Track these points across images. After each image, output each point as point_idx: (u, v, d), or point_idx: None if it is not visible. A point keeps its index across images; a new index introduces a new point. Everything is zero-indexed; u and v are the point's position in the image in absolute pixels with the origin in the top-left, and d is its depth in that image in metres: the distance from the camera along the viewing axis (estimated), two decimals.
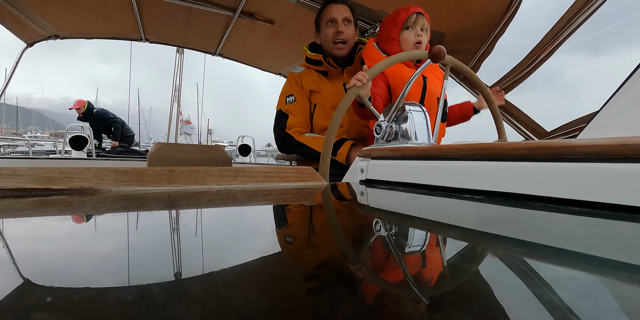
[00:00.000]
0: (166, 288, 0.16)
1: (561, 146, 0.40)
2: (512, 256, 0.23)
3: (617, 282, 0.19)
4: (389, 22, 1.35)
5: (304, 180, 0.62)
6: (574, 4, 1.35)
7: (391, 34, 1.33)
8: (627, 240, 0.27)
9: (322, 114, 1.59)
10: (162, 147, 1.91)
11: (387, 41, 1.35)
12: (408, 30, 1.31)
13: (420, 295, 0.16)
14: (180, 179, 0.51)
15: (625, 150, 0.35)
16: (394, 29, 1.32)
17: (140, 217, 0.35)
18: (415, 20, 1.29)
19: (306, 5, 1.99)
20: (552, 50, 1.49)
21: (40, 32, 2.39)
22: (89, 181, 0.45)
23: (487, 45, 1.71)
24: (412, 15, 1.29)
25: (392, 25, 1.33)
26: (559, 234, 0.29)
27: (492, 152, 0.48)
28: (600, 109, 0.72)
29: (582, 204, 0.37)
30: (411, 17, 1.29)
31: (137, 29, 2.55)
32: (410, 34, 1.30)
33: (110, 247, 0.23)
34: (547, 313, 0.14)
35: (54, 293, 0.15)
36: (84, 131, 4.21)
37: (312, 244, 0.27)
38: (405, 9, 1.32)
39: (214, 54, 2.99)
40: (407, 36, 1.31)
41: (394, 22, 1.32)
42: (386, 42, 1.36)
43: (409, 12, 1.30)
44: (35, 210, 0.35)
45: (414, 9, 1.31)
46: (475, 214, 0.39)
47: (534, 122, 1.64)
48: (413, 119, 0.86)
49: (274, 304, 0.15)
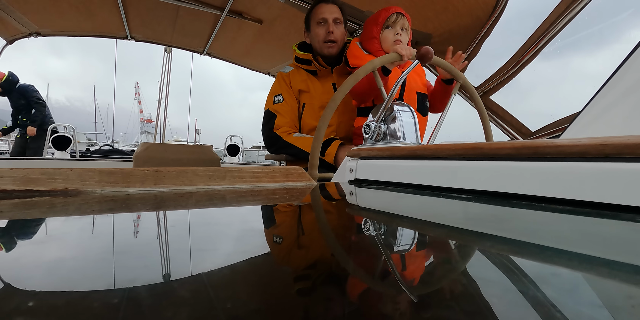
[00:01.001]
0: (153, 290, 0.16)
1: (545, 146, 0.41)
2: (499, 254, 0.24)
3: (599, 277, 0.19)
4: (371, 21, 1.39)
5: (293, 180, 0.62)
6: (557, 6, 1.38)
7: (372, 33, 1.37)
8: (607, 237, 0.28)
9: (311, 113, 1.59)
10: (149, 147, 1.88)
11: (369, 40, 1.39)
12: (388, 29, 1.35)
13: (408, 294, 0.16)
14: (168, 179, 0.50)
15: (606, 149, 0.36)
16: (375, 28, 1.36)
17: (126, 219, 0.34)
18: (395, 20, 1.34)
19: (295, 4, 1.98)
20: (536, 52, 1.52)
21: (21, 29, 2.32)
22: (72, 182, 0.44)
23: (474, 47, 1.74)
24: (393, 14, 1.34)
25: (373, 24, 1.37)
26: (544, 231, 0.30)
27: (479, 152, 0.49)
28: (582, 110, 0.74)
29: (566, 202, 0.38)
30: (391, 17, 1.34)
31: (123, 27, 2.50)
32: (389, 33, 1.35)
33: (95, 250, 0.22)
34: (532, 309, 0.15)
35: (36, 297, 0.15)
36: (68, 131, 4.11)
37: (301, 244, 0.27)
38: (387, 9, 1.36)
39: (201, 53, 2.95)
40: (386, 35, 1.35)
41: (375, 22, 1.37)
42: (368, 41, 1.40)
43: (390, 11, 1.35)
44: (16, 212, 0.34)
45: (394, 9, 1.36)
46: (462, 213, 0.40)
47: (519, 122, 1.67)
48: (401, 119, 0.86)
49: (263, 305, 0.15)
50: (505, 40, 4.32)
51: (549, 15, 1.42)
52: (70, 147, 3.70)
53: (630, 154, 0.34)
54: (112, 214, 0.35)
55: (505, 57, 1.66)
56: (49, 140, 3.73)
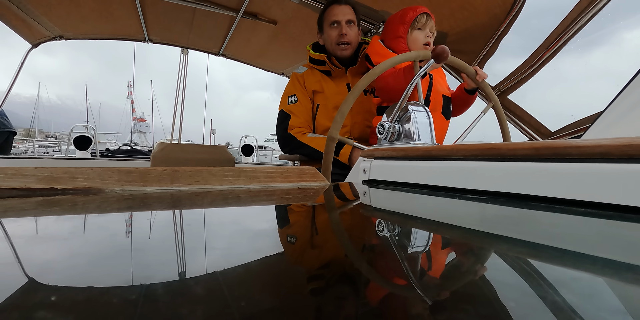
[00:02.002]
0: (169, 288, 0.16)
1: (565, 146, 0.40)
2: (516, 257, 0.23)
3: (622, 283, 0.18)
4: (396, 20, 1.36)
5: (306, 180, 0.62)
6: (579, 3, 1.34)
7: (398, 32, 1.34)
8: (631, 241, 0.27)
9: (325, 114, 1.59)
10: (166, 147, 1.92)
11: (395, 39, 1.35)
12: (419, 30, 1.32)
13: (423, 296, 0.16)
14: (184, 179, 0.51)
15: (630, 150, 0.34)
16: (402, 27, 1.33)
17: (143, 217, 0.35)
18: (425, 22, 1.32)
19: (309, 5, 1.99)
20: (557, 50, 1.48)
21: (45, 33, 2.41)
22: (92, 181, 0.45)
23: (491, 45, 1.71)
24: (423, 16, 1.31)
25: (399, 23, 1.34)
26: (563, 234, 0.29)
27: (496, 152, 0.48)
28: (605, 109, 0.71)
29: (587, 204, 0.37)
30: (421, 18, 1.31)
31: (141, 30, 2.56)
32: (420, 34, 1.32)
33: (114, 247, 0.23)
34: (551, 314, 0.14)
35: (57, 292, 0.15)
36: (88, 131, 4.24)
37: (315, 244, 0.27)
38: (413, 8, 1.33)
39: (217, 55, 2.99)
40: (417, 36, 1.32)
41: (402, 21, 1.33)
42: (393, 40, 1.36)
43: (417, 11, 1.32)
44: (40, 210, 0.35)
45: (422, 9, 1.32)
46: (478, 215, 0.39)
47: (537, 122, 1.63)
48: (416, 119, 0.85)
49: (277, 304, 0.15)
50: (524, 38, 4.21)
51: (570, 11, 1.38)
52: (91, 147, 3.81)
53: None
54: (131, 213, 0.36)
55: (523, 56, 1.62)
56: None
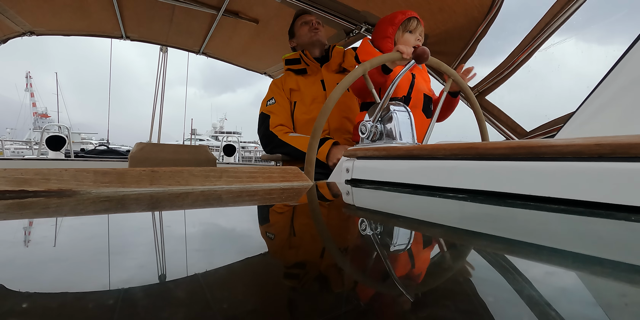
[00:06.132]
0: (149, 291, 0.16)
1: (540, 146, 0.41)
2: (494, 253, 0.24)
3: (593, 276, 0.19)
4: (386, 21, 1.41)
5: (289, 180, 0.62)
6: (552, 7, 1.39)
7: (387, 32, 1.39)
8: (601, 236, 0.28)
9: (302, 109, 1.67)
10: (144, 147, 1.87)
11: (383, 39, 1.40)
12: (410, 33, 1.38)
13: (405, 293, 0.17)
14: (163, 179, 0.50)
15: (600, 149, 0.36)
16: (390, 28, 1.38)
17: (121, 219, 0.34)
18: (416, 26, 1.38)
19: (291, 4, 1.98)
20: (532, 52, 1.53)
21: (14, 28, 2.30)
22: (67, 182, 0.44)
23: (470, 47, 1.75)
24: (414, 20, 1.37)
25: (389, 24, 1.39)
26: (539, 230, 0.30)
27: (474, 152, 0.49)
28: (576, 110, 0.74)
29: (560, 201, 0.38)
30: (412, 22, 1.37)
31: (118, 27, 2.48)
32: (411, 37, 1.38)
33: (90, 250, 0.22)
34: (527, 308, 0.15)
35: (29, 299, 0.15)
36: (62, 131, 4.08)
37: (297, 244, 0.27)
38: (403, 12, 1.40)
39: (197, 53, 2.94)
40: (408, 38, 1.38)
41: (392, 22, 1.39)
42: (381, 40, 1.41)
43: (407, 15, 1.38)
44: (9, 213, 0.34)
45: (411, 13, 1.39)
46: (458, 213, 0.40)
47: (514, 122, 1.68)
48: (398, 119, 0.87)
49: (260, 306, 0.15)
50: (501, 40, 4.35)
51: (544, 15, 1.43)
52: (65, 147, 3.67)
53: (623, 154, 0.35)
54: (107, 215, 0.35)
55: (500, 58, 1.67)
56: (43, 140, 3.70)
